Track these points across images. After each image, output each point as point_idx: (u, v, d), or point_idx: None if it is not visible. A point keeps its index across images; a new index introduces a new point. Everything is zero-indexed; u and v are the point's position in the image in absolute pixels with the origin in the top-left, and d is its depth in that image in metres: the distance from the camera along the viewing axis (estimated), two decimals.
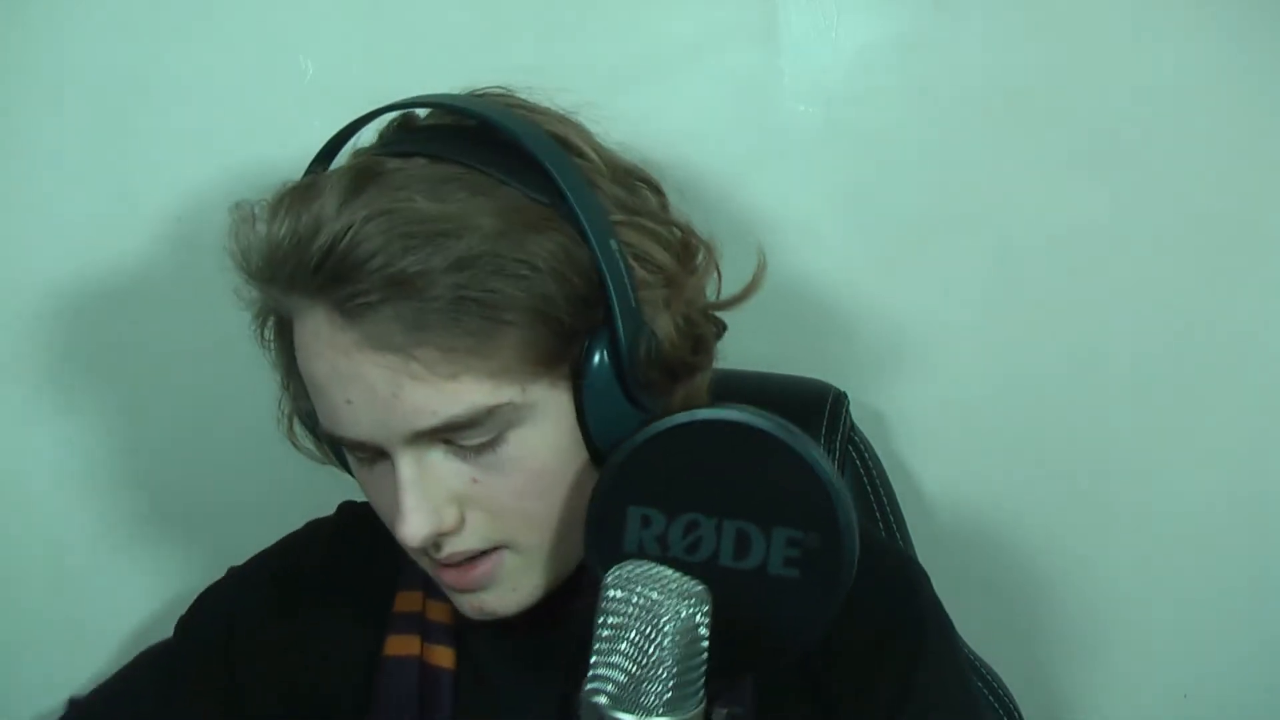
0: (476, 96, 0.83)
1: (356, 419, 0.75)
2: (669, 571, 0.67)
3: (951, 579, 1.06)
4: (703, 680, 0.65)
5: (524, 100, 0.84)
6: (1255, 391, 1.13)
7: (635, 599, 0.65)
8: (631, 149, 0.92)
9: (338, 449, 0.84)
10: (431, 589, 0.88)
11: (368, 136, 0.83)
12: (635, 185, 0.84)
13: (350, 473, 0.85)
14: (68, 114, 1.11)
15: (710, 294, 0.85)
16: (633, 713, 0.63)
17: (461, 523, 0.78)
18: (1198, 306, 1.12)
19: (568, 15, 1.11)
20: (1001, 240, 1.12)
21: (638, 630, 0.64)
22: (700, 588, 0.66)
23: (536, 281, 0.74)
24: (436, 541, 0.78)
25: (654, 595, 0.65)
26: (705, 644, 0.65)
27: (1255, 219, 1.11)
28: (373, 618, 0.90)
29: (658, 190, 0.86)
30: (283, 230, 0.73)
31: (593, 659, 0.64)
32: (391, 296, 0.71)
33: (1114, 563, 1.16)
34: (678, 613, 0.64)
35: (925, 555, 1.05)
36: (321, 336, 0.75)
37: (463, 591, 0.81)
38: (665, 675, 0.63)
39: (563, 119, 0.84)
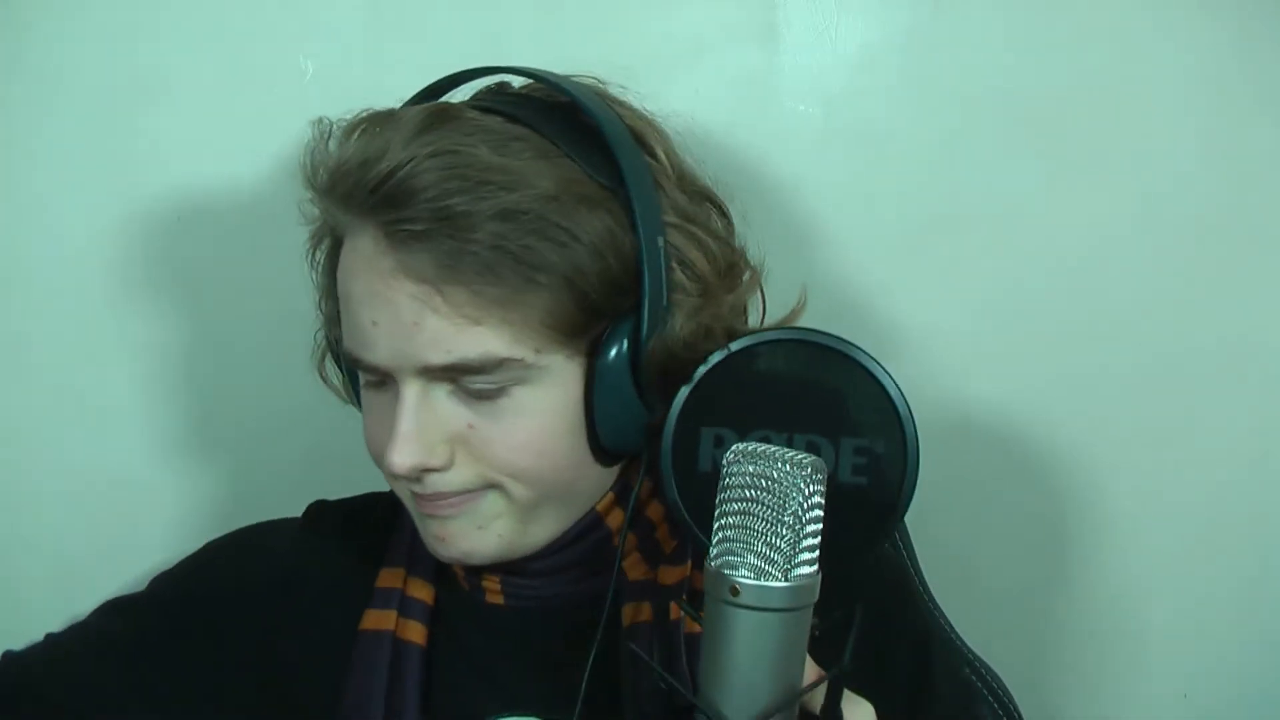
0: (570, 78, 0.87)
1: (377, 342, 0.79)
2: (782, 448, 0.68)
3: (952, 579, 1.06)
4: (818, 549, 0.66)
5: (614, 95, 0.89)
6: (1255, 392, 1.13)
7: (757, 470, 0.66)
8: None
9: (354, 376, 0.88)
10: (414, 565, 0.91)
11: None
12: (700, 199, 0.87)
13: (359, 401, 0.87)
14: (68, 114, 1.11)
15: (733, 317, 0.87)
16: (762, 577, 0.64)
17: (450, 463, 0.80)
18: (1198, 306, 1.12)
19: (568, 15, 1.11)
20: (1001, 240, 1.12)
21: (761, 500, 0.65)
22: (814, 458, 0.67)
23: (575, 252, 0.77)
24: (420, 476, 0.80)
25: (774, 466, 0.66)
26: (821, 510, 0.66)
27: (1256, 219, 1.11)
28: (355, 595, 0.91)
29: (723, 213, 0.90)
30: (351, 150, 0.79)
31: (716, 536, 0.66)
32: (435, 231, 0.75)
33: (1114, 563, 1.16)
34: (798, 480, 0.65)
35: (926, 555, 1.05)
36: (364, 257, 0.79)
37: (431, 518, 0.83)
38: (792, 539, 0.64)
39: (647, 120, 0.88)
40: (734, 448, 0.66)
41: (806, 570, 0.65)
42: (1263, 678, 1.16)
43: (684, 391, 0.77)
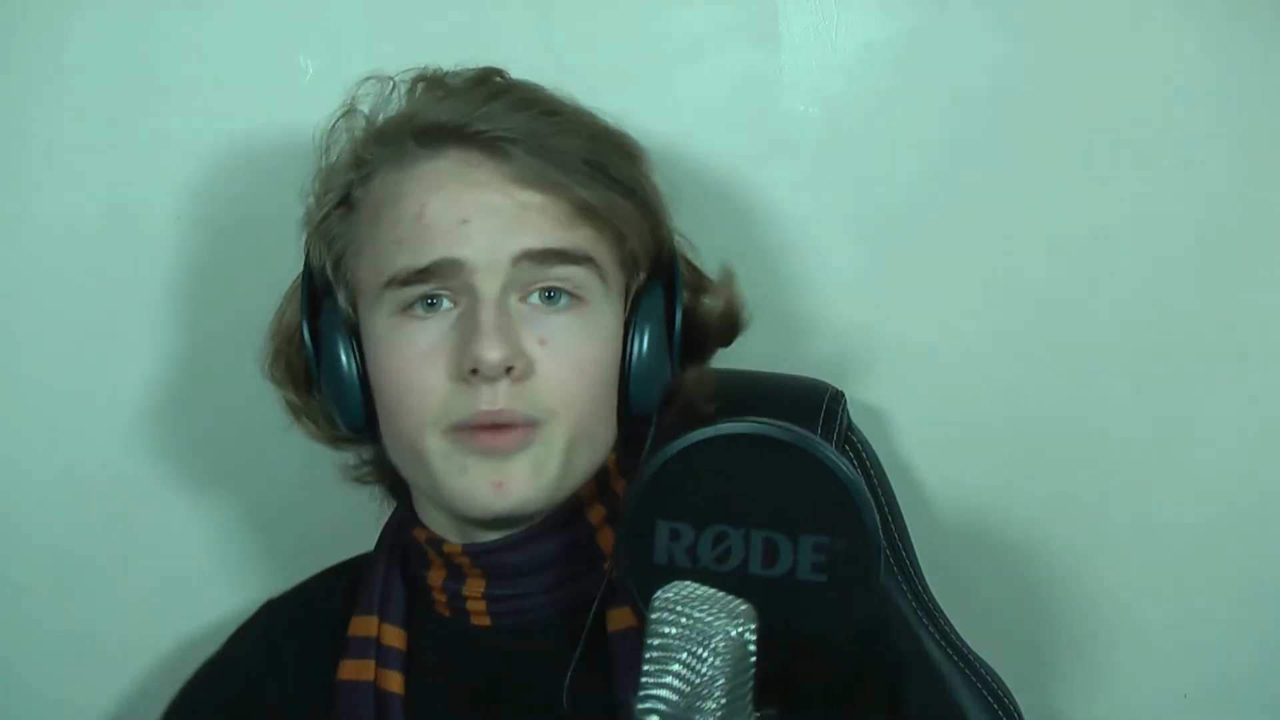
0: None
1: (469, 236, 0.81)
2: (713, 591, 0.69)
3: (951, 579, 1.06)
4: (751, 693, 0.67)
5: None
6: (1256, 393, 1.13)
7: (685, 620, 0.66)
8: None
9: (343, 343, 0.86)
10: (385, 614, 0.90)
11: None
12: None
13: (333, 390, 0.87)
14: (67, 114, 1.11)
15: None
16: None
17: (531, 370, 0.82)
18: (1198, 307, 1.12)
19: (568, 15, 1.11)
20: (1002, 240, 1.12)
21: (690, 651, 0.65)
22: (746, 606, 0.67)
23: (646, 188, 0.88)
24: (498, 386, 0.80)
25: (703, 616, 0.66)
26: (753, 660, 0.67)
27: (1257, 220, 1.11)
28: (327, 647, 0.91)
29: None
30: (421, 99, 0.87)
31: (643, 680, 0.66)
32: (545, 139, 0.83)
33: (1114, 562, 1.16)
34: (728, 632, 0.66)
35: (925, 555, 1.05)
36: (449, 173, 0.83)
37: (491, 456, 0.82)
38: (719, 693, 0.65)
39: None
40: (660, 595, 0.67)
41: None
42: (1263, 678, 1.16)
43: (638, 483, 0.76)
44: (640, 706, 0.65)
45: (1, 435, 1.17)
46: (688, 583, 0.69)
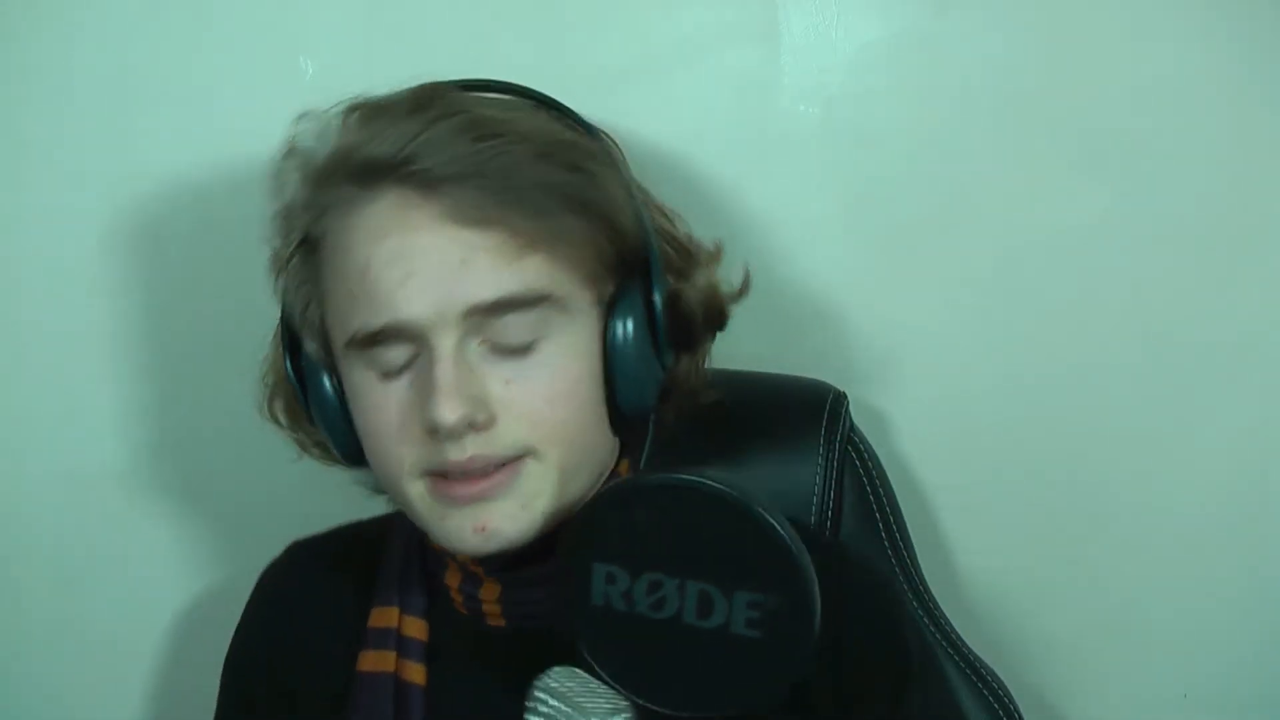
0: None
1: (411, 296, 0.78)
2: (601, 690, 0.70)
3: (951, 579, 1.06)
4: None
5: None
6: (1255, 392, 1.13)
7: (561, 713, 0.68)
8: (631, 149, 0.93)
9: (327, 392, 0.86)
10: (406, 603, 0.90)
11: None
12: (646, 191, 0.90)
13: (327, 427, 0.87)
14: (68, 114, 1.11)
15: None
16: None
17: (493, 419, 0.79)
18: (1198, 306, 1.12)
19: (568, 15, 1.11)
20: (1002, 240, 1.12)
21: None
22: (626, 705, 0.69)
23: (603, 192, 0.82)
24: (462, 438, 0.79)
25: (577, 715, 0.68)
26: None
27: (1256, 219, 1.11)
28: (349, 634, 0.91)
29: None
30: (356, 131, 0.81)
31: None
32: (477, 171, 0.78)
33: (1114, 562, 1.16)
34: None
35: (925, 555, 1.05)
36: (387, 219, 0.79)
37: (469, 506, 0.81)
38: None
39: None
40: (543, 678, 0.69)
41: None
42: (1263, 678, 1.16)
43: (575, 521, 0.76)
44: None
45: (1, 435, 1.17)
46: (574, 673, 0.71)
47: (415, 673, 0.88)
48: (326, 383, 0.86)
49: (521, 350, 0.80)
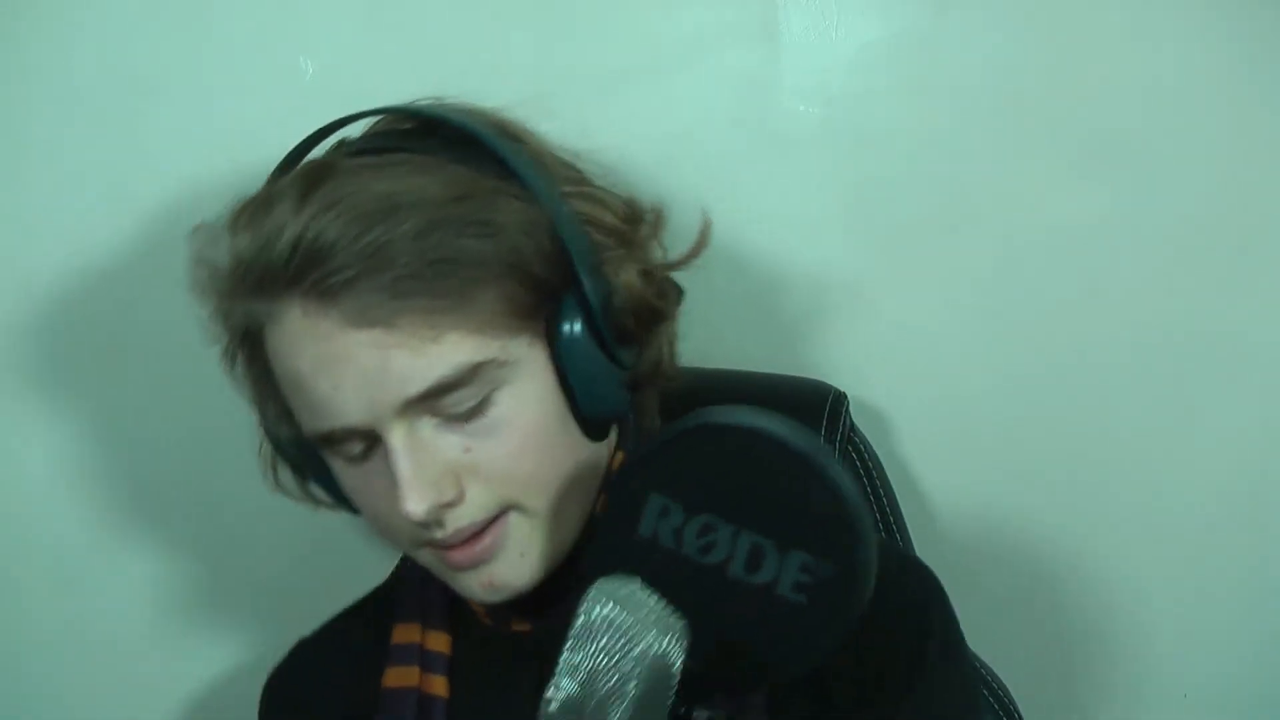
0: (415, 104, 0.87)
1: (345, 403, 0.77)
2: (653, 599, 0.66)
3: (951, 579, 1.06)
4: (667, 714, 0.64)
5: (460, 104, 0.88)
6: (1255, 391, 1.13)
7: (614, 618, 0.64)
8: (631, 149, 0.92)
9: (320, 471, 0.85)
10: (428, 619, 0.90)
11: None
12: (575, 165, 0.87)
13: (331, 496, 0.87)
14: (68, 114, 1.11)
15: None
16: None
17: (461, 494, 0.79)
18: (1198, 306, 1.12)
19: (567, 15, 1.11)
20: (1002, 240, 1.12)
21: (607, 651, 0.63)
22: (681, 623, 0.64)
23: (502, 238, 0.78)
24: (439, 518, 0.78)
25: (632, 619, 0.64)
26: (675, 680, 0.64)
27: (1256, 218, 1.11)
28: (371, 657, 0.91)
29: (595, 174, 0.89)
30: (247, 238, 0.77)
31: (559, 665, 0.63)
32: (365, 270, 0.75)
33: (1114, 563, 1.16)
34: (651, 643, 0.64)
35: (925, 555, 1.05)
36: (300, 330, 0.77)
37: (471, 568, 0.81)
38: (628, 704, 0.62)
39: (499, 115, 0.87)
40: (599, 584, 0.64)
41: None
42: (1263, 678, 1.16)
43: (643, 448, 0.74)
44: (549, 693, 0.62)
45: (1, 435, 1.17)
46: (635, 581, 0.67)
47: (438, 685, 0.88)
48: (314, 459, 0.85)
49: (473, 413, 0.78)
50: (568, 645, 0.64)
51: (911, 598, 0.86)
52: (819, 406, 1.01)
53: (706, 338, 1.13)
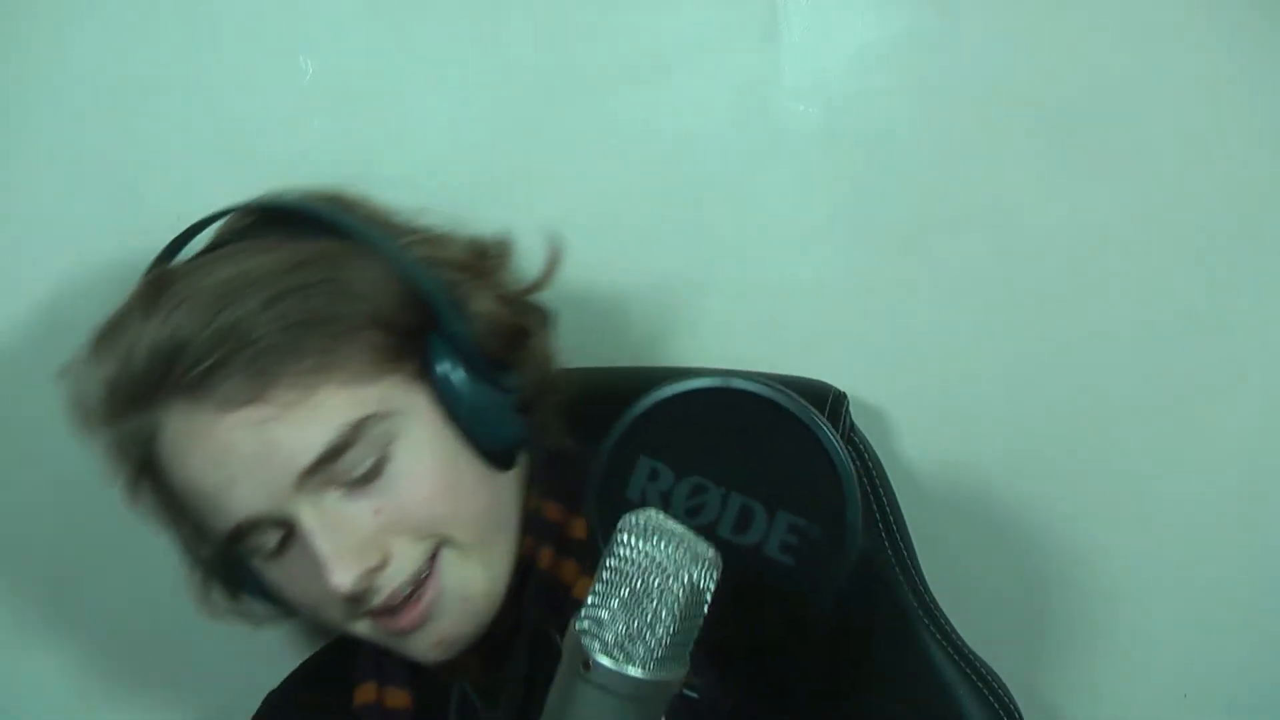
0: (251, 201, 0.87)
1: (241, 493, 0.77)
2: (684, 529, 0.65)
3: (952, 579, 1.06)
4: (692, 645, 0.64)
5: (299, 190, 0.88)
6: (1256, 390, 1.13)
7: (649, 549, 0.62)
8: (632, 149, 0.92)
9: (252, 583, 0.85)
10: (385, 676, 0.88)
11: None
12: (414, 222, 0.88)
13: (265, 600, 0.86)
14: (68, 114, 1.11)
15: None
16: (620, 660, 0.60)
17: (386, 555, 0.78)
18: (1198, 306, 1.12)
19: (567, 15, 1.11)
20: (1002, 240, 1.12)
21: (645, 581, 0.62)
22: (713, 552, 0.64)
23: (352, 292, 0.79)
24: (370, 585, 0.78)
25: (669, 551, 0.62)
26: (705, 610, 0.64)
27: (1256, 218, 1.11)
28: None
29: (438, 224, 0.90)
30: (108, 362, 0.78)
31: (590, 599, 0.62)
32: (223, 354, 0.75)
33: (1114, 562, 1.16)
34: (690, 573, 0.62)
35: (925, 555, 1.05)
36: (181, 433, 0.78)
37: (418, 630, 0.80)
38: (662, 633, 0.61)
39: (335, 191, 0.88)
40: (631, 517, 0.63)
41: (671, 669, 0.61)
42: (1263, 678, 1.16)
43: (630, 412, 0.73)
44: (579, 625, 0.61)
45: (2, 435, 1.17)
46: (661, 513, 0.65)
47: None
48: (238, 567, 0.85)
49: (373, 474, 0.78)
50: (602, 575, 0.63)
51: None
52: (819, 407, 1.01)
53: (707, 337, 1.14)
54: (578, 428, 0.89)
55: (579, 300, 1.14)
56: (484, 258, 0.86)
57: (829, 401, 1.02)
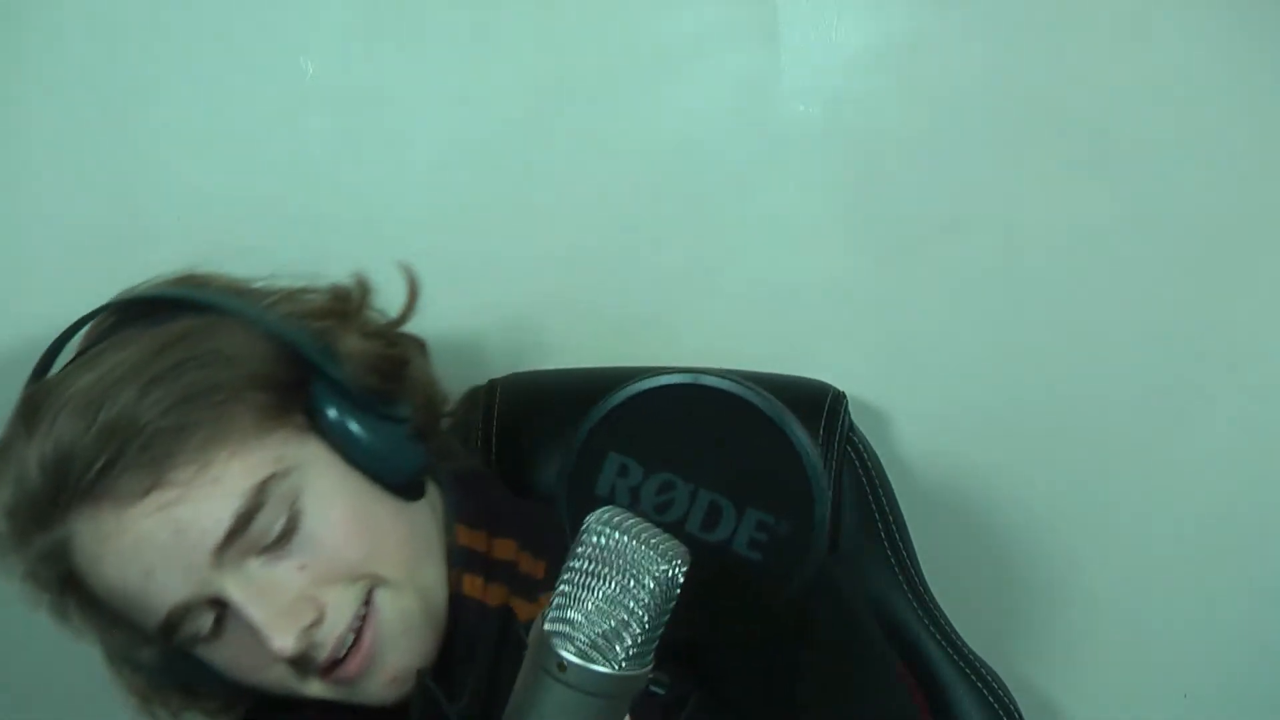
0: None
1: (164, 582, 0.77)
2: (649, 525, 0.64)
3: (951, 579, 1.06)
4: (658, 641, 0.63)
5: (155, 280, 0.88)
6: (1256, 390, 1.13)
7: (615, 547, 0.62)
8: (632, 149, 0.92)
9: (200, 673, 0.84)
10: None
11: None
12: (268, 285, 0.88)
13: (215, 687, 0.85)
14: (68, 114, 1.11)
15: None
16: (585, 657, 0.60)
17: (321, 609, 0.78)
18: (1198, 306, 1.12)
19: (567, 16, 1.11)
20: (1001, 240, 1.12)
21: (610, 579, 0.61)
22: (681, 549, 0.63)
23: (225, 359, 0.79)
24: (312, 642, 0.78)
25: (635, 548, 0.62)
26: (672, 605, 0.63)
27: (1255, 218, 1.11)
28: None
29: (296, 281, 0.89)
30: (4, 490, 0.78)
31: (556, 597, 0.62)
32: (112, 451, 0.75)
33: (1114, 563, 1.16)
34: (656, 570, 0.61)
35: (925, 555, 1.05)
36: (91, 540, 0.78)
37: (368, 672, 0.80)
38: (636, 630, 0.61)
39: (186, 273, 0.88)
40: (597, 515, 0.62)
41: (637, 665, 0.61)
42: (1263, 678, 1.16)
43: (599, 408, 0.73)
44: (546, 626, 0.61)
45: None
46: (626, 511, 0.64)
47: None
48: (181, 662, 0.84)
49: (288, 533, 0.78)
50: (569, 576, 0.62)
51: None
52: (818, 406, 1.01)
53: (707, 337, 1.14)
54: (552, 428, 0.90)
55: (579, 300, 1.14)
56: (345, 301, 0.87)
57: (828, 401, 1.02)
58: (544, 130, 1.11)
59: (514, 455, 1.02)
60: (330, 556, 0.79)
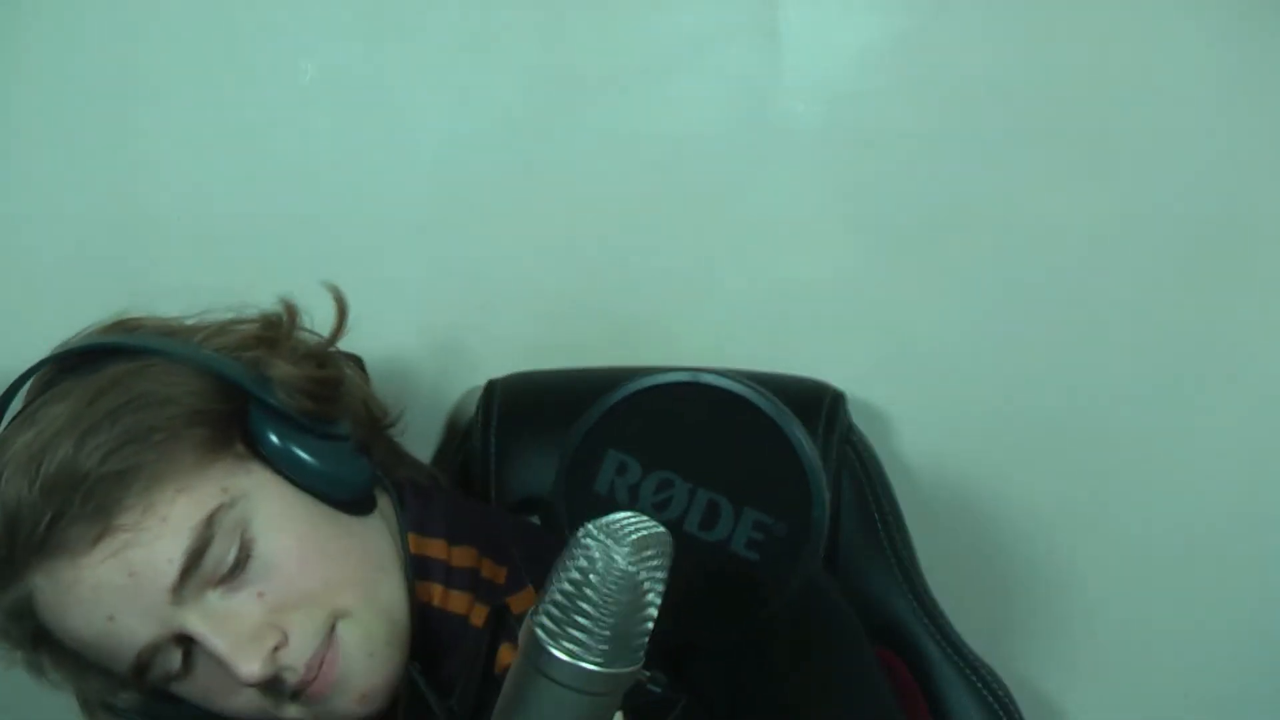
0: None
1: (127, 625, 0.78)
2: (643, 519, 0.64)
3: (951, 578, 1.06)
4: (648, 638, 0.63)
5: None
6: (1255, 390, 1.13)
7: (607, 545, 0.61)
8: (632, 149, 0.91)
9: (182, 709, 0.84)
10: None
11: None
12: (198, 322, 0.88)
13: None
14: (68, 114, 1.11)
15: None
16: (575, 654, 0.60)
17: (284, 633, 0.79)
18: (1198, 306, 1.12)
19: (568, 15, 1.11)
20: (1001, 240, 1.12)
21: (600, 577, 0.60)
22: (668, 538, 0.62)
23: (159, 399, 0.79)
24: (280, 664, 0.78)
25: (626, 547, 0.61)
26: (650, 610, 0.62)
27: (1255, 218, 1.11)
28: None
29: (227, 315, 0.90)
30: None
31: (548, 594, 0.61)
32: (57, 504, 0.76)
33: (1114, 563, 1.16)
34: (644, 567, 0.61)
35: (925, 555, 1.05)
36: (51, 593, 0.78)
37: (337, 692, 0.80)
38: (618, 627, 0.60)
39: (117, 319, 0.89)
40: (591, 524, 0.62)
41: (627, 663, 0.61)
42: (1263, 678, 1.16)
43: (597, 406, 0.74)
44: (535, 619, 0.61)
45: None
46: (624, 515, 0.64)
47: None
48: (161, 702, 0.85)
49: (242, 562, 0.79)
50: (559, 575, 0.62)
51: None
52: (818, 406, 1.01)
53: (707, 337, 1.14)
54: (552, 429, 0.90)
55: (579, 300, 1.14)
56: (275, 329, 0.87)
57: (826, 401, 1.02)
58: (544, 130, 1.11)
59: (513, 455, 1.03)
60: (287, 580, 0.79)
